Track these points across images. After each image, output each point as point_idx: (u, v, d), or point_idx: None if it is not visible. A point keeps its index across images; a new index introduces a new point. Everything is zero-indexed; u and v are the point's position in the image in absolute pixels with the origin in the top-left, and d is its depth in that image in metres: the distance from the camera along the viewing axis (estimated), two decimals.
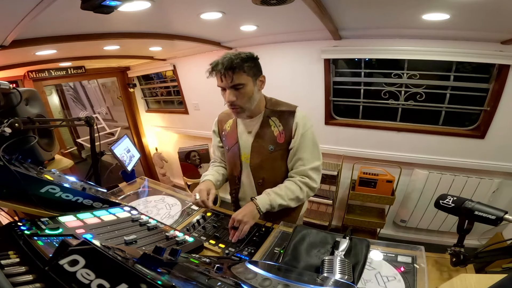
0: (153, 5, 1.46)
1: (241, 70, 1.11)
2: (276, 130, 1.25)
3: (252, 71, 1.15)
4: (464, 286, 0.67)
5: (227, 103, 1.19)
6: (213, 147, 1.54)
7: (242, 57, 1.11)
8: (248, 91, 1.15)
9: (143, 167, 4.68)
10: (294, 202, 1.23)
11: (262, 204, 1.15)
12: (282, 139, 1.24)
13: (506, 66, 1.92)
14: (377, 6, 1.63)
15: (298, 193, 1.22)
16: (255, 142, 1.28)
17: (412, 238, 2.80)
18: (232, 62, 1.09)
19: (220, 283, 0.49)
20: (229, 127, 1.39)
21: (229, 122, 1.40)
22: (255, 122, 1.29)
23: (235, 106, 1.18)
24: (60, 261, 0.35)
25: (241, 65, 1.10)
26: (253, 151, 1.29)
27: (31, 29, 1.55)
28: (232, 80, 1.11)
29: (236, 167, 1.36)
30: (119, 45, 2.55)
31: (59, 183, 0.99)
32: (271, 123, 1.26)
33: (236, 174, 1.38)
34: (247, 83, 1.14)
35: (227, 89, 1.15)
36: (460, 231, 0.89)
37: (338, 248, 0.93)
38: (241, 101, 1.17)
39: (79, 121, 1.44)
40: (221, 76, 1.12)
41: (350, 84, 2.57)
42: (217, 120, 1.48)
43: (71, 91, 5.44)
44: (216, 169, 1.46)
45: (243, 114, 1.23)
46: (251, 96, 1.18)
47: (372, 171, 2.54)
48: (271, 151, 1.26)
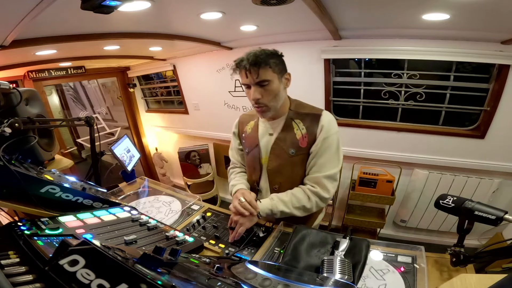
0: (153, 5, 1.46)
1: (266, 65, 1.06)
2: (299, 134, 1.18)
3: (277, 68, 1.10)
4: (464, 286, 0.67)
5: (251, 101, 1.13)
6: (233, 150, 1.47)
7: (267, 53, 1.07)
8: (274, 88, 1.10)
9: (143, 167, 4.69)
10: (300, 211, 1.16)
11: (263, 209, 1.13)
12: (304, 143, 1.17)
13: (506, 66, 1.91)
14: (377, 6, 1.63)
15: (305, 202, 1.15)
16: (275, 144, 1.22)
17: (412, 238, 2.80)
18: (257, 57, 1.05)
19: (220, 283, 0.49)
20: (250, 129, 1.33)
21: (250, 124, 1.34)
22: (278, 123, 1.23)
23: (260, 104, 1.12)
24: (60, 261, 0.35)
25: (266, 60, 1.06)
26: (272, 153, 1.23)
27: (31, 29, 1.55)
28: (258, 76, 1.06)
29: (256, 171, 1.30)
30: (119, 45, 2.55)
31: (59, 183, 0.99)
32: (294, 126, 1.20)
33: (255, 179, 1.31)
34: (273, 79, 1.09)
35: (252, 86, 1.10)
36: (460, 231, 0.89)
37: (338, 248, 0.93)
38: (267, 99, 1.11)
39: (79, 121, 1.44)
40: (246, 72, 1.07)
41: (350, 84, 2.57)
42: (237, 122, 1.42)
43: (71, 91, 5.44)
44: (241, 175, 1.39)
45: (268, 113, 1.17)
46: (277, 93, 1.12)
47: (372, 171, 2.55)
48: (292, 155, 1.19)
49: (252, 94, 1.10)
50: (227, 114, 3.33)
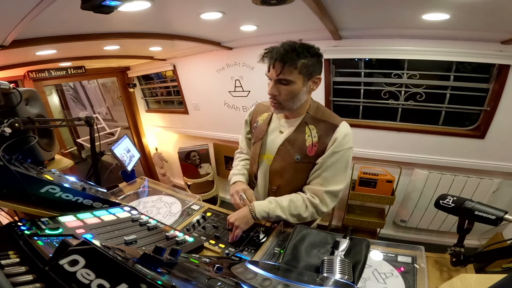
0: (153, 5, 1.46)
1: (293, 65, 0.99)
2: (309, 140, 1.12)
3: (306, 70, 1.02)
4: (464, 286, 0.67)
5: (268, 94, 1.09)
6: (242, 136, 1.46)
7: (299, 51, 0.99)
8: (294, 89, 1.04)
9: (143, 167, 4.69)
10: (294, 218, 1.13)
11: (259, 211, 1.12)
12: (313, 152, 1.11)
13: (506, 66, 1.92)
14: (377, 6, 1.63)
15: (302, 211, 1.12)
16: (283, 145, 1.17)
17: (412, 238, 2.80)
18: (286, 54, 0.98)
19: (220, 283, 0.49)
20: (262, 120, 1.29)
21: (263, 115, 1.29)
22: (291, 124, 1.18)
23: (275, 101, 1.08)
24: (60, 261, 0.35)
25: (295, 60, 0.98)
26: (278, 154, 1.18)
27: (31, 29, 1.55)
28: (281, 73, 1.00)
29: (255, 164, 1.28)
30: (119, 45, 2.55)
31: (59, 183, 0.99)
32: (307, 131, 1.13)
33: (254, 171, 1.31)
34: (296, 81, 1.02)
35: (272, 80, 1.05)
36: (460, 231, 0.89)
37: (338, 248, 0.93)
38: (283, 98, 1.06)
39: (79, 121, 1.44)
40: (270, 65, 1.02)
41: (350, 84, 2.57)
42: (253, 110, 1.38)
43: (71, 91, 5.44)
44: (244, 165, 1.39)
45: (282, 111, 1.13)
46: (296, 95, 1.05)
47: (372, 171, 2.55)
48: (297, 161, 1.14)
49: (270, 88, 1.06)
50: (227, 114, 3.33)
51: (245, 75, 2.94)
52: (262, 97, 1.28)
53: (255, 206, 1.13)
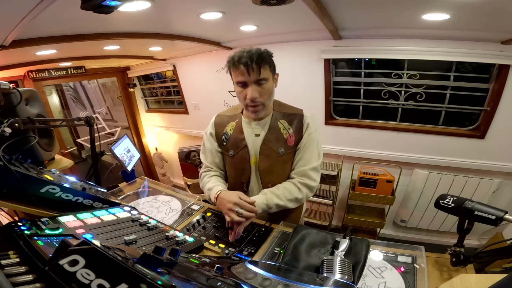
0: (153, 5, 1.46)
1: (267, 64, 1.08)
2: (286, 133, 1.21)
3: (273, 67, 1.13)
4: (464, 286, 0.67)
5: (247, 100, 1.11)
6: (207, 152, 1.37)
7: (265, 53, 1.08)
8: (270, 87, 1.12)
9: (143, 167, 4.69)
10: (293, 203, 1.19)
11: (258, 204, 1.12)
12: (292, 141, 1.22)
13: (506, 66, 1.92)
14: (377, 6, 1.63)
15: (297, 194, 1.19)
16: (264, 145, 1.22)
17: (412, 238, 2.80)
18: (260, 56, 1.05)
19: (220, 283, 0.49)
20: (231, 130, 1.29)
21: (231, 125, 1.30)
22: (263, 124, 1.23)
23: (257, 103, 1.12)
24: (60, 261, 0.35)
25: (267, 59, 1.07)
26: (262, 154, 1.23)
27: (31, 29, 1.55)
28: (260, 74, 1.06)
29: (245, 172, 1.28)
30: (119, 45, 2.55)
31: (59, 183, 0.99)
32: (280, 126, 1.22)
33: (244, 181, 1.29)
34: (269, 78, 1.11)
35: (250, 84, 1.08)
36: (460, 231, 0.89)
37: (338, 248, 0.93)
38: (264, 98, 1.12)
39: (79, 121, 1.44)
40: (247, 69, 1.05)
41: (350, 84, 2.57)
42: (214, 122, 1.37)
43: (71, 91, 5.45)
44: (216, 179, 1.31)
45: (262, 112, 1.17)
46: (272, 92, 1.14)
47: (372, 171, 2.54)
48: (281, 154, 1.22)
49: (250, 93, 1.09)
50: None
51: None
52: None
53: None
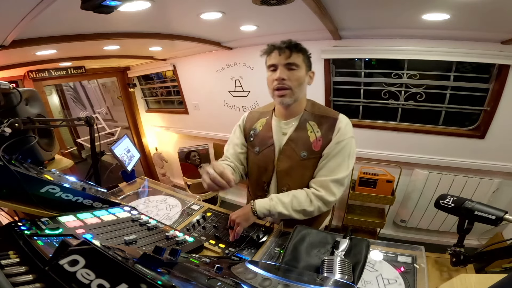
0: (153, 5, 1.46)
1: (300, 52, 1.09)
2: (312, 136, 1.15)
3: (308, 61, 1.13)
4: (464, 286, 0.67)
5: (274, 82, 1.09)
6: (230, 144, 1.34)
7: (301, 45, 1.11)
8: (301, 75, 1.10)
9: (143, 167, 4.68)
10: (300, 214, 1.12)
11: (260, 209, 1.11)
12: (318, 146, 1.14)
13: (506, 66, 1.91)
14: (377, 6, 1.63)
15: (306, 206, 1.11)
16: (286, 145, 1.17)
17: (412, 238, 2.80)
18: (295, 43, 1.09)
19: (220, 283, 0.49)
20: (261, 127, 1.25)
21: (261, 121, 1.26)
22: (291, 124, 1.19)
23: (285, 85, 1.08)
24: (60, 261, 0.35)
25: (301, 48, 1.10)
26: (282, 154, 1.18)
27: (31, 29, 1.55)
28: (290, 57, 1.06)
29: (268, 172, 1.24)
30: (119, 45, 2.55)
31: (59, 183, 0.99)
32: (308, 128, 1.16)
33: (265, 180, 1.25)
34: (302, 67, 1.10)
35: (280, 66, 1.07)
36: (460, 231, 0.89)
37: (338, 248, 0.93)
38: (292, 83, 1.08)
39: (79, 121, 1.44)
40: (279, 51, 1.07)
41: (350, 84, 2.57)
42: (245, 116, 1.33)
43: (71, 91, 5.44)
44: (227, 166, 1.25)
45: (289, 98, 1.11)
46: (302, 83, 1.12)
47: (372, 171, 2.54)
48: (303, 158, 1.15)
49: (278, 73, 1.07)
50: (227, 114, 3.33)
51: (245, 75, 2.94)
52: (262, 97, 1.28)
53: (256, 204, 1.13)
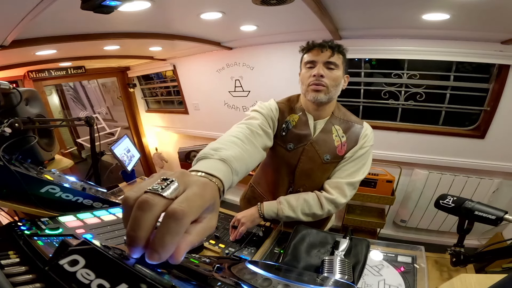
0: (153, 5, 1.46)
1: (340, 53, 1.09)
2: (337, 140, 1.14)
3: (345, 64, 1.12)
4: (464, 286, 0.67)
5: (311, 78, 1.07)
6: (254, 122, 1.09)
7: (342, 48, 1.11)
8: (337, 75, 1.09)
9: (143, 167, 4.68)
10: (309, 217, 1.12)
11: (267, 211, 1.10)
12: (343, 151, 1.14)
13: (506, 66, 1.92)
14: (377, 6, 1.63)
15: (316, 210, 1.11)
16: (310, 146, 1.15)
17: (412, 238, 2.80)
18: (337, 44, 1.08)
19: (220, 283, 0.49)
20: (293, 122, 1.18)
21: (293, 117, 1.19)
22: (318, 125, 1.17)
23: (321, 82, 1.06)
24: (60, 261, 0.35)
25: (342, 50, 1.10)
26: (305, 155, 1.16)
27: (31, 29, 1.55)
28: (331, 56, 1.06)
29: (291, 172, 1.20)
30: (119, 45, 2.55)
31: (59, 183, 0.99)
32: (333, 131, 1.15)
33: (290, 179, 1.22)
34: (340, 69, 1.09)
35: (319, 63, 1.07)
36: (460, 231, 0.89)
37: (338, 248, 0.93)
38: (329, 82, 1.07)
39: (79, 121, 1.44)
40: (321, 49, 1.07)
41: (350, 84, 2.56)
42: (278, 107, 1.18)
43: (71, 91, 5.44)
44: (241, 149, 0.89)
45: (324, 95, 1.08)
46: (339, 84, 1.11)
47: (372, 171, 2.54)
48: (326, 161, 1.14)
49: (317, 70, 1.06)
50: (227, 114, 3.33)
51: (245, 75, 2.94)
52: (262, 97, 1.27)
53: (264, 206, 1.12)
